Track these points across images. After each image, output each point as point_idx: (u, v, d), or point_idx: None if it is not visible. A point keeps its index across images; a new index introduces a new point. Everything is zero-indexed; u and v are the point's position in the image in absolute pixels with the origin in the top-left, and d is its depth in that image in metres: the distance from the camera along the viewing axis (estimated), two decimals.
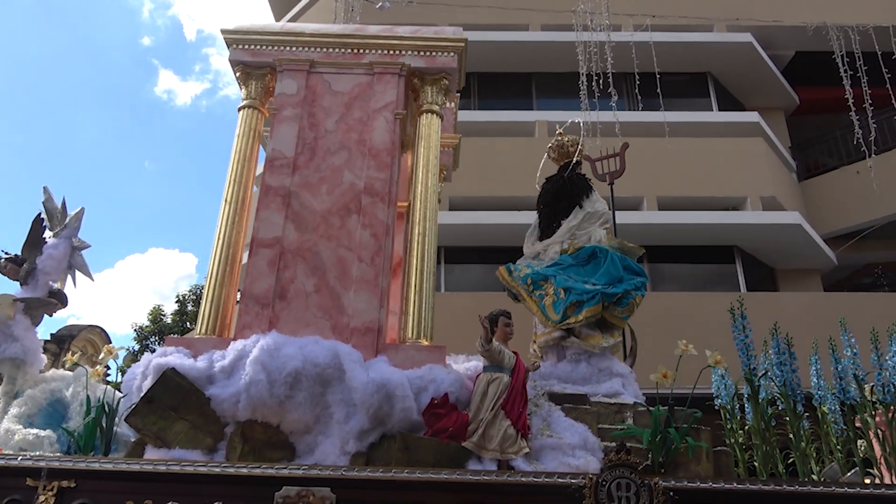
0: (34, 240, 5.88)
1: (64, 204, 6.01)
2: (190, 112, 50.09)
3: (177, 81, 48.47)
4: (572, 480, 3.97)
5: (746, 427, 5.35)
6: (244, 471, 4.08)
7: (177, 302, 22.07)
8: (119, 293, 40.66)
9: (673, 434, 4.28)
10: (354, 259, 5.15)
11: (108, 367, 5.40)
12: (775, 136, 15.33)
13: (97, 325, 6.59)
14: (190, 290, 22.32)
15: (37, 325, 5.64)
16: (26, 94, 43.38)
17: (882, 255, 15.21)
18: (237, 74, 6.03)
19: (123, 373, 4.99)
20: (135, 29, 48.10)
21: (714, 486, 4.02)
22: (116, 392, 4.82)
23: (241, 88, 6.03)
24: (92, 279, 6.01)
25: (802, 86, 16.41)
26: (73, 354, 5.59)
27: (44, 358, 5.63)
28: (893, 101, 11.62)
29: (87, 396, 4.71)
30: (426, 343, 5.01)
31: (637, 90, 12.03)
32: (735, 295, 12.72)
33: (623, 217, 9.30)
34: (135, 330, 21.54)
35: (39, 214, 5.96)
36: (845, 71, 11.71)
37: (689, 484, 4.01)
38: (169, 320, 21.59)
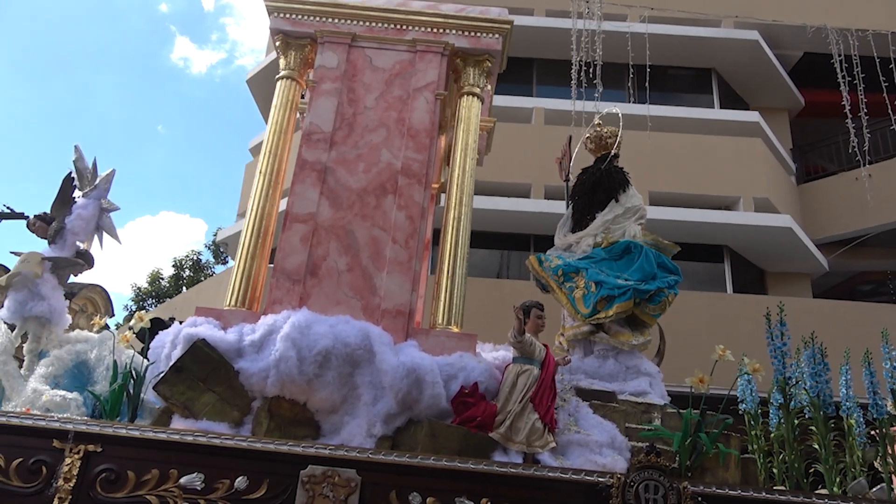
0: (64, 199, 5.83)
1: (95, 164, 5.93)
2: (205, 81, 49.57)
3: (193, 49, 47.97)
4: (600, 479, 3.95)
5: (771, 434, 5.29)
6: (271, 447, 4.05)
7: (173, 266, 21.75)
8: (126, 253, 40.74)
9: (704, 439, 4.22)
10: (388, 240, 5.09)
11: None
12: (777, 137, 14.97)
13: (98, 284, 6.49)
14: (186, 256, 21.93)
15: (63, 285, 5.61)
16: (45, 51, 43.15)
17: (876, 264, 14.79)
18: (277, 44, 5.93)
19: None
20: None
21: (743, 493, 3.98)
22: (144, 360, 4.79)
23: (279, 58, 5.93)
24: (119, 242, 5.97)
25: (809, 88, 15.87)
26: (84, 311, 5.54)
27: (68, 318, 5.60)
28: (889, 109, 11.36)
29: (115, 361, 4.69)
30: (457, 330, 4.96)
31: (630, 81, 11.63)
32: (721, 295, 12.65)
33: None
34: (133, 291, 21.38)
35: (70, 173, 5.90)
36: (843, 76, 11.44)
37: (718, 490, 3.97)
38: (167, 284, 21.31)
